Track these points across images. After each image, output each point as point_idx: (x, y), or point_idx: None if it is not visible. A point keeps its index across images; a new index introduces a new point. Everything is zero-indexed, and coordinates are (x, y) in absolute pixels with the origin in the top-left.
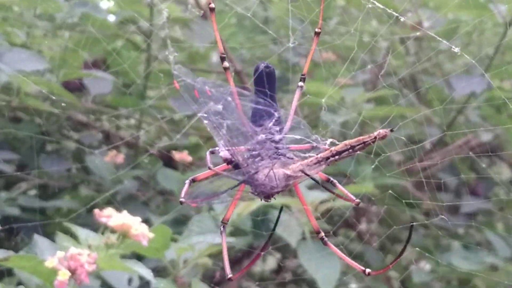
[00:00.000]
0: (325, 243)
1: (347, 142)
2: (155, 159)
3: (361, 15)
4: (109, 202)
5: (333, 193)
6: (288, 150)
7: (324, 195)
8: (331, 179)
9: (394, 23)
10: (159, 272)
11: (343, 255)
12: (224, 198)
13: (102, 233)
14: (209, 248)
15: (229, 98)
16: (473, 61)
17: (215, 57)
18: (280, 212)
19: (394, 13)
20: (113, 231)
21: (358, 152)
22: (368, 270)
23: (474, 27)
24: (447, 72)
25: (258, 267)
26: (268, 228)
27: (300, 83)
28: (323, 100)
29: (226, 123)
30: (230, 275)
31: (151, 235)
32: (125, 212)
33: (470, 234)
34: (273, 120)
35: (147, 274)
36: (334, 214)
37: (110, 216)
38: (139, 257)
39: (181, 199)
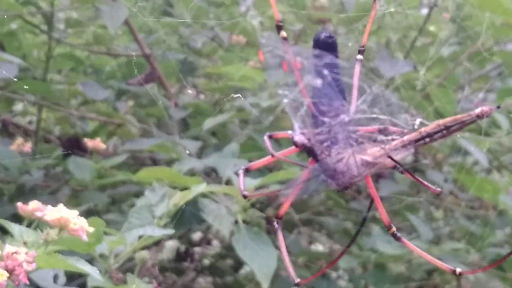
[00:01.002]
0: (398, 239)
1: (440, 121)
2: (56, 147)
3: None
4: (19, 194)
5: (418, 180)
6: (359, 133)
7: (255, 181)
8: (401, 168)
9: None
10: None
11: (424, 253)
12: (313, 192)
13: (36, 229)
14: (143, 241)
15: (326, 71)
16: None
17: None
18: (370, 205)
19: None
20: (50, 226)
21: (454, 133)
22: (459, 270)
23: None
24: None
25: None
26: (199, 218)
27: (359, 56)
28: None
29: (307, 102)
30: (297, 280)
31: (91, 229)
32: (61, 205)
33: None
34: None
35: (93, 271)
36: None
37: (43, 210)
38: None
39: (244, 193)
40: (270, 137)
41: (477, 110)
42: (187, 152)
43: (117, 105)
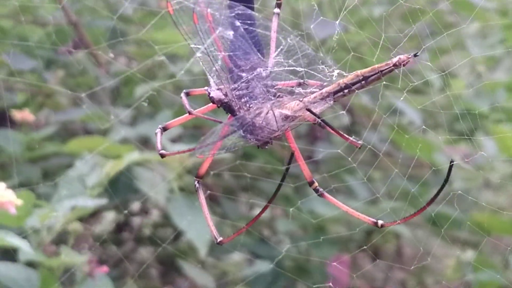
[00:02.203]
0: (321, 194)
1: (358, 72)
2: None
3: None
4: None
5: (338, 133)
6: (278, 87)
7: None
8: (320, 120)
9: None
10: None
11: (346, 207)
12: (231, 148)
13: None
14: (75, 212)
15: (237, 23)
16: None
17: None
18: (290, 159)
19: None
20: None
21: (373, 83)
22: (380, 222)
23: None
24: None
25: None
26: (133, 187)
27: (276, 10)
28: None
29: (222, 56)
30: (220, 239)
31: (19, 201)
32: None
33: (326, 181)
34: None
35: (24, 245)
36: None
37: None
38: None
39: (160, 151)
40: (187, 94)
41: (395, 59)
42: (119, 120)
43: (46, 75)
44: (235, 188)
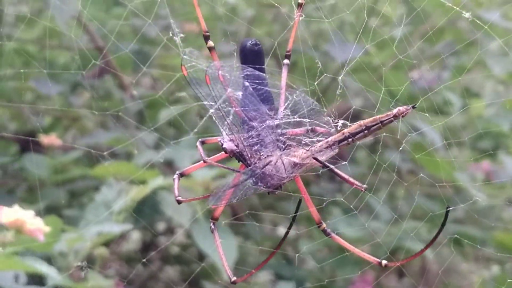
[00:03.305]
0: (328, 235)
1: (361, 122)
2: (8, 143)
3: None
4: None
5: (343, 178)
6: (287, 135)
7: (213, 171)
8: (329, 165)
9: None
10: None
11: (352, 247)
12: (242, 196)
13: None
14: (102, 237)
15: (247, 83)
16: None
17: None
18: (298, 206)
19: None
20: (6, 228)
21: (374, 132)
22: (384, 262)
23: None
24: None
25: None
26: (158, 210)
27: (286, 61)
28: None
29: (234, 111)
30: (233, 278)
31: (47, 228)
32: (16, 206)
33: (348, 200)
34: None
35: (51, 271)
36: None
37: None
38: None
39: (178, 198)
40: (203, 142)
41: (394, 111)
42: (144, 144)
43: (72, 99)
44: (258, 207)
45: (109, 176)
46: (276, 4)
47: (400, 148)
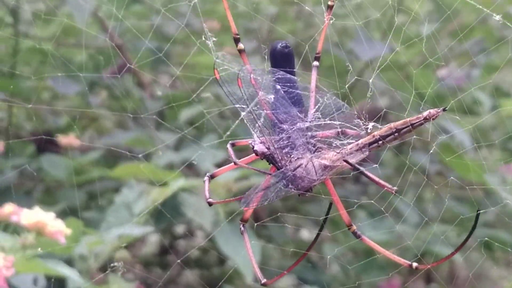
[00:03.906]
0: (359, 237)
1: (392, 125)
2: (27, 144)
3: None
4: None
5: (374, 180)
6: (317, 138)
7: (235, 173)
8: (360, 168)
9: None
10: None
11: (382, 249)
12: (273, 198)
13: (13, 233)
14: (123, 240)
15: (278, 86)
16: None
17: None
18: (329, 209)
19: None
20: (27, 230)
21: (405, 135)
22: (415, 264)
23: None
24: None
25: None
26: (179, 212)
27: (316, 63)
28: None
29: (265, 114)
30: (264, 280)
31: (69, 231)
32: (37, 208)
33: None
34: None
35: (73, 274)
36: None
37: (19, 214)
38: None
39: (209, 200)
40: (233, 145)
41: (425, 113)
42: (165, 145)
43: (90, 98)
44: (280, 210)
45: (129, 177)
46: (299, 2)
47: (431, 151)
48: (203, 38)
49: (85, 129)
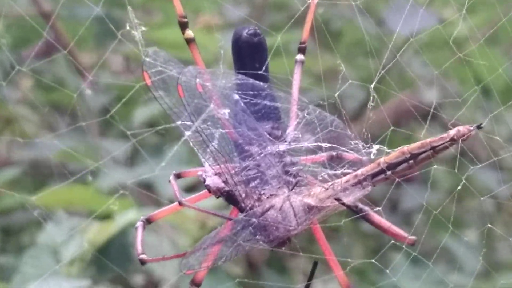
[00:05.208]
0: None
1: (405, 148)
2: None
3: None
4: None
5: (382, 228)
6: (301, 165)
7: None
8: (360, 205)
9: None
10: None
11: None
12: (232, 255)
13: None
14: None
15: (236, 96)
16: None
17: None
18: (314, 267)
19: None
20: None
21: (424, 163)
22: None
23: None
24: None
25: None
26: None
27: (300, 56)
28: None
29: (219, 134)
30: None
31: None
32: None
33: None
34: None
35: None
36: None
37: None
38: None
39: (141, 257)
40: (178, 176)
41: (452, 132)
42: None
43: (6, 90)
44: (281, 253)
45: (59, 205)
46: None
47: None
48: (127, 27)
49: None
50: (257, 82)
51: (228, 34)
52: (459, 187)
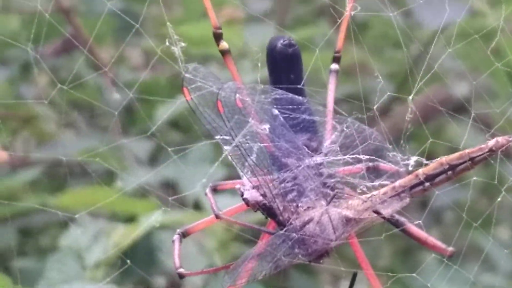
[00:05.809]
0: None
1: (443, 159)
2: None
3: None
4: None
5: (420, 241)
6: (338, 177)
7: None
8: (397, 217)
9: None
10: None
11: None
12: (271, 270)
13: None
14: None
15: (275, 111)
16: None
17: None
18: (354, 279)
19: None
20: None
21: (462, 174)
22: None
23: None
24: None
25: None
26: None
27: (335, 66)
28: None
29: (259, 147)
30: None
31: None
32: None
33: (450, 241)
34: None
35: None
36: None
37: None
38: None
39: (179, 271)
40: (215, 189)
41: (490, 143)
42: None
43: (22, 87)
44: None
45: (81, 208)
46: None
47: None
48: (167, 43)
49: (16, 134)
50: (296, 96)
51: (252, 27)
52: (498, 199)
